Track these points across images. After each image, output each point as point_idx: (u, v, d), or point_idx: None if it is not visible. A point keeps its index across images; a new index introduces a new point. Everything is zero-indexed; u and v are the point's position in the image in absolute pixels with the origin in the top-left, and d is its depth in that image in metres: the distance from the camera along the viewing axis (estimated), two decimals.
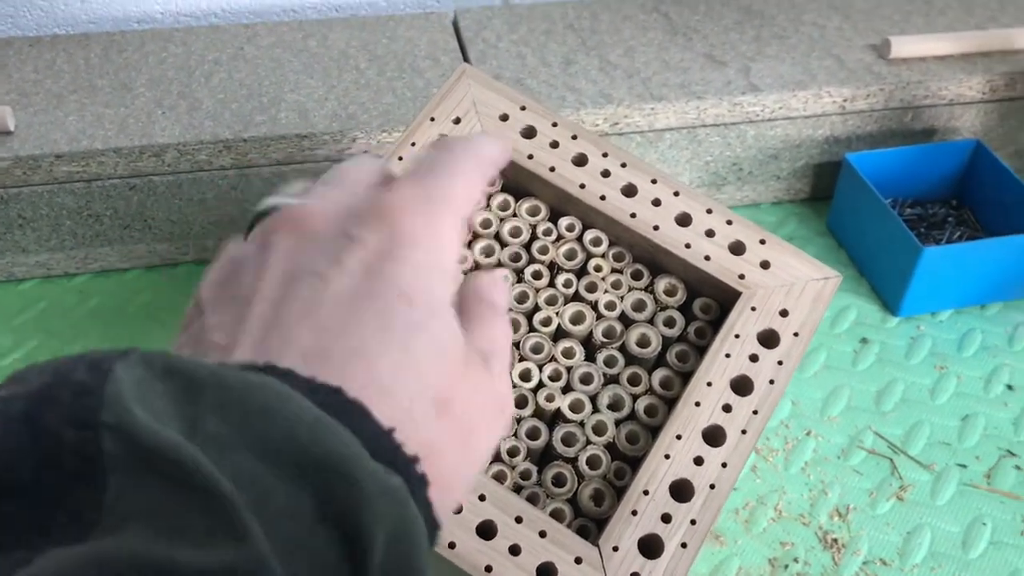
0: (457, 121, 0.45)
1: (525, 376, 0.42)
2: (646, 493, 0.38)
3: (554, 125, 0.45)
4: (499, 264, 0.44)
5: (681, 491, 0.39)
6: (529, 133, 0.45)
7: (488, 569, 0.36)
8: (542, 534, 0.37)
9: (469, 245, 0.45)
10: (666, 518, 0.38)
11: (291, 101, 0.69)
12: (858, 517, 0.57)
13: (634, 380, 0.42)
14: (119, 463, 0.20)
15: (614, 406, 0.42)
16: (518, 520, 0.37)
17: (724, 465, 0.39)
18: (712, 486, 0.38)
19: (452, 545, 0.36)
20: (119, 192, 0.66)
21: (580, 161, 0.45)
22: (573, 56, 0.74)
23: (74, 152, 0.64)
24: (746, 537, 0.56)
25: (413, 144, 0.44)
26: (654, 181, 0.45)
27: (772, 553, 0.55)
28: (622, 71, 0.72)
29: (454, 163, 0.28)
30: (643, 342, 0.43)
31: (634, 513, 0.38)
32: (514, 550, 0.37)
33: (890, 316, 0.69)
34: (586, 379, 0.42)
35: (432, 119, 0.45)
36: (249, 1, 0.80)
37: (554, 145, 0.45)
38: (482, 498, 0.37)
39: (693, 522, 0.38)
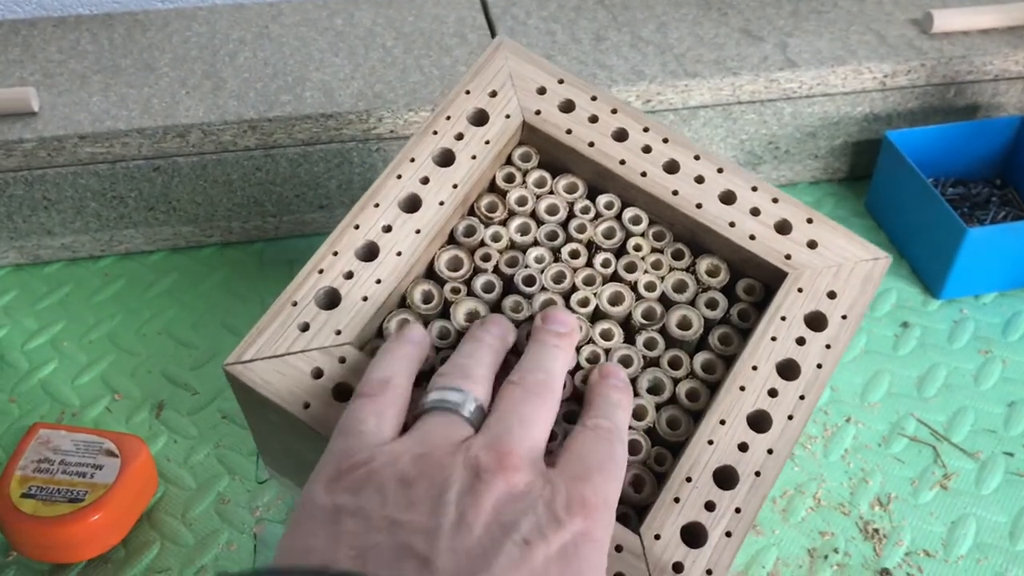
0: (493, 94, 0.43)
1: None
2: (689, 480, 0.37)
3: (593, 99, 0.44)
4: (535, 243, 0.43)
5: (725, 478, 0.37)
6: (567, 107, 0.44)
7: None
8: None
9: (504, 223, 0.43)
10: (710, 506, 0.36)
11: (316, 80, 0.67)
12: (900, 506, 0.55)
13: (675, 363, 0.41)
14: None
15: (654, 390, 0.40)
16: None
17: (770, 452, 0.37)
18: (757, 473, 0.37)
19: None
20: (143, 173, 0.65)
21: (620, 136, 0.43)
22: (604, 32, 0.72)
23: (98, 133, 0.63)
24: (784, 527, 0.54)
25: (448, 118, 0.43)
26: (697, 158, 0.43)
27: (811, 543, 0.53)
28: (654, 47, 0.70)
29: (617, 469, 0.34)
30: (684, 324, 0.41)
31: (676, 500, 0.36)
32: None
33: (932, 299, 0.67)
34: (625, 362, 0.40)
35: (468, 92, 0.43)
36: None
37: (593, 119, 0.43)
38: None
39: (738, 510, 0.36)
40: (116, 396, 0.60)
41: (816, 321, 0.40)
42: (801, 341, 0.40)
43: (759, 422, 0.38)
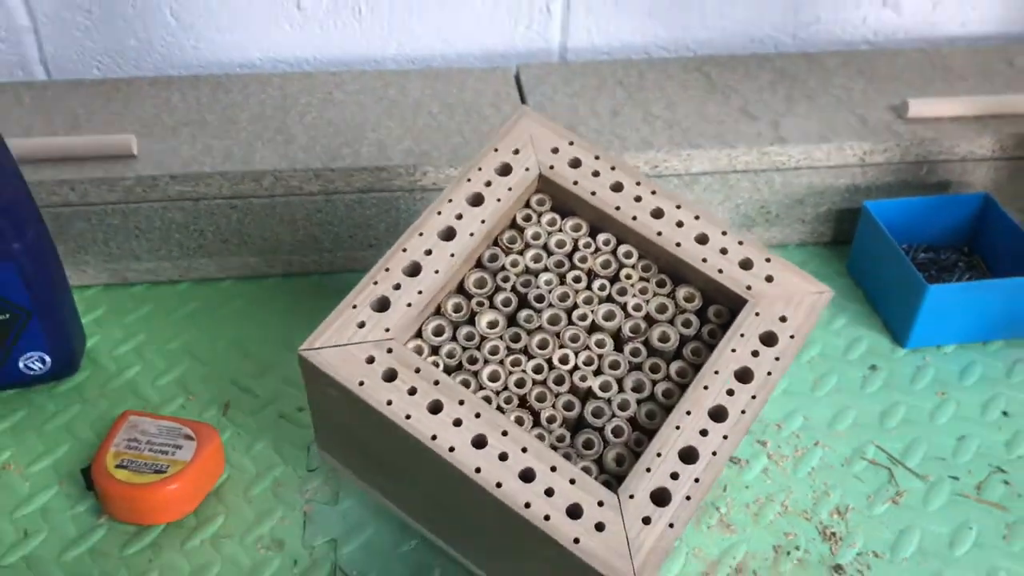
0: (516, 152, 0.54)
1: (564, 360, 0.51)
2: (659, 455, 0.46)
3: (596, 158, 0.55)
4: (545, 269, 0.53)
5: (688, 456, 0.47)
6: (575, 163, 0.55)
7: (527, 505, 0.44)
8: (572, 481, 0.45)
9: (521, 252, 0.54)
10: (674, 475, 0.46)
11: (372, 139, 0.79)
12: (856, 516, 0.64)
13: (655, 368, 0.51)
14: None
15: (637, 388, 0.50)
16: (553, 469, 0.46)
17: (725, 437, 0.47)
18: (714, 453, 0.47)
19: (499, 484, 0.45)
20: (221, 211, 0.77)
21: (616, 188, 0.54)
22: (620, 108, 0.83)
23: (186, 174, 0.75)
24: (754, 527, 0.63)
25: (480, 169, 0.54)
26: (678, 206, 0.53)
27: (776, 541, 0.62)
28: (663, 121, 0.82)
29: None
30: (664, 338, 0.51)
31: (648, 470, 0.46)
32: (548, 492, 0.45)
33: (899, 348, 0.76)
34: (614, 365, 0.50)
35: (496, 149, 0.54)
36: (337, 52, 0.91)
37: (595, 174, 0.54)
38: (524, 450, 0.46)
39: (697, 480, 0.46)
40: (190, 397, 0.71)
41: (769, 339, 0.50)
42: (755, 353, 0.50)
43: (718, 415, 0.48)
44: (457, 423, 0.46)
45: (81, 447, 0.67)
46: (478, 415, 0.47)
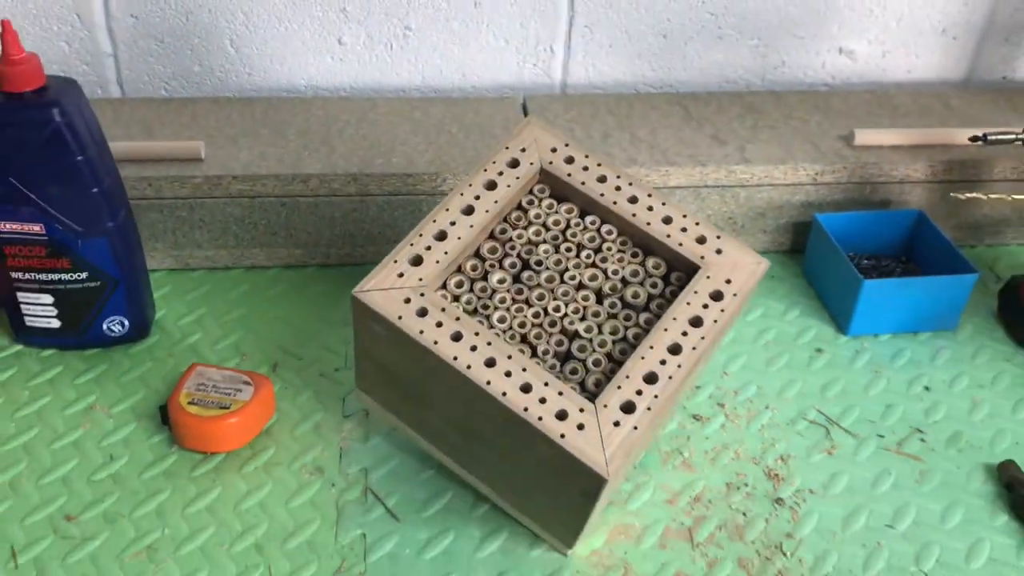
0: (523, 150, 0.69)
1: (556, 309, 0.65)
2: (627, 377, 0.60)
3: (586, 156, 0.69)
4: (544, 241, 0.68)
5: (651, 378, 0.60)
6: (569, 160, 0.69)
7: (526, 409, 0.58)
8: (560, 393, 0.59)
9: (525, 228, 0.68)
10: (639, 392, 0.60)
11: (401, 152, 0.94)
12: (796, 463, 0.77)
13: (627, 318, 0.65)
14: None
15: (613, 332, 0.64)
16: (545, 384, 0.59)
17: (679, 366, 0.61)
18: (670, 377, 0.60)
19: (504, 393, 0.59)
20: (273, 207, 0.91)
21: (601, 180, 0.68)
22: (610, 132, 0.98)
23: (245, 175, 0.89)
24: (711, 469, 0.76)
25: (494, 163, 0.68)
26: (650, 195, 0.68)
27: (729, 479, 0.76)
28: (646, 144, 0.96)
29: None
30: (635, 296, 0.65)
31: (619, 387, 0.60)
32: (542, 400, 0.59)
33: (841, 335, 0.90)
34: (596, 314, 0.64)
35: (507, 148, 0.69)
36: (371, 82, 1.06)
37: (585, 169, 0.69)
38: (524, 370, 0.60)
39: (656, 396, 0.60)
40: (244, 357, 0.85)
41: (716, 295, 0.64)
42: (705, 306, 0.64)
43: (675, 349, 0.62)
44: (473, 348, 0.60)
45: (153, 395, 0.81)
46: (489, 343, 0.61)
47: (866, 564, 0.70)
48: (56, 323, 0.82)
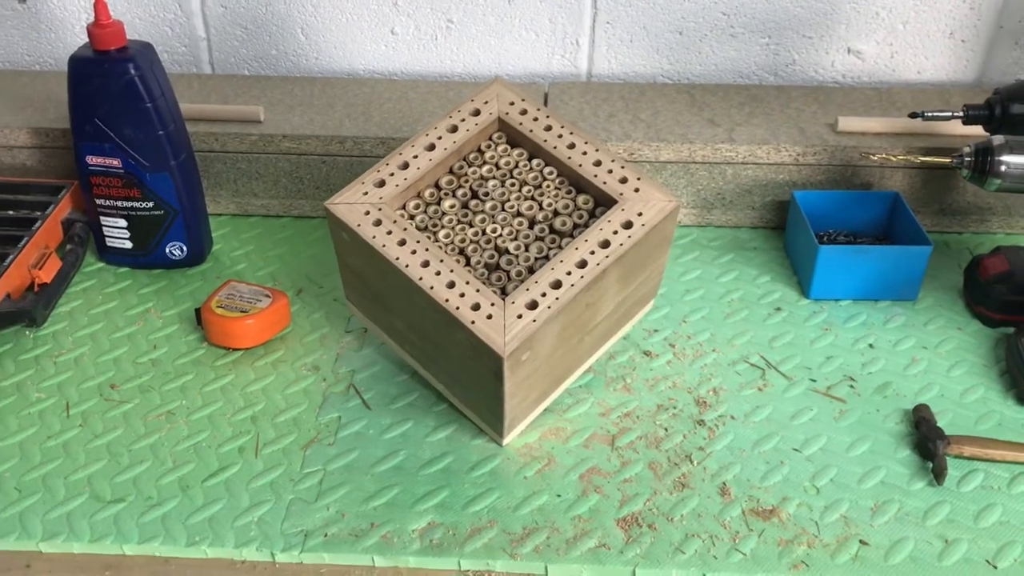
0: (486, 103, 0.82)
1: (494, 231, 0.78)
2: (536, 282, 0.72)
3: (538, 110, 0.82)
4: (494, 178, 0.81)
5: (556, 285, 0.72)
6: (523, 113, 0.82)
7: (447, 300, 0.71)
8: (477, 291, 0.72)
9: (480, 167, 0.81)
10: (543, 295, 0.72)
11: (426, 122, 1.09)
12: (726, 395, 0.87)
13: (552, 242, 0.77)
14: None
15: (538, 252, 0.76)
16: (467, 283, 0.72)
17: (582, 277, 0.73)
18: (572, 285, 0.72)
19: (431, 288, 0.72)
20: (315, 164, 1.08)
21: (547, 129, 0.81)
22: (615, 113, 1.10)
23: (295, 135, 1.06)
24: (647, 393, 0.87)
25: (459, 111, 0.82)
26: (586, 142, 0.80)
27: (660, 402, 0.86)
28: (644, 123, 1.08)
29: None
30: (563, 224, 0.78)
31: (527, 289, 0.72)
32: (461, 295, 0.71)
33: (803, 298, 0.99)
34: (526, 236, 0.77)
35: (472, 100, 0.83)
36: (418, 68, 1.22)
37: (535, 119, 0.81)
38: (451, 271, 0.73)
39: (557, 298, 0.72)
40: (276, 282, 1.01)
41: (627, 224, 0.75)
42: (616, 232, 0.75)
43: (582, 264, 0.74)
44: (413, 252, 0.74)
45: (199, 306, 0.98)
46: (427, 250, 0.74)
47: (764, 477, 0.79)
48: (129, 244, 1.01)
